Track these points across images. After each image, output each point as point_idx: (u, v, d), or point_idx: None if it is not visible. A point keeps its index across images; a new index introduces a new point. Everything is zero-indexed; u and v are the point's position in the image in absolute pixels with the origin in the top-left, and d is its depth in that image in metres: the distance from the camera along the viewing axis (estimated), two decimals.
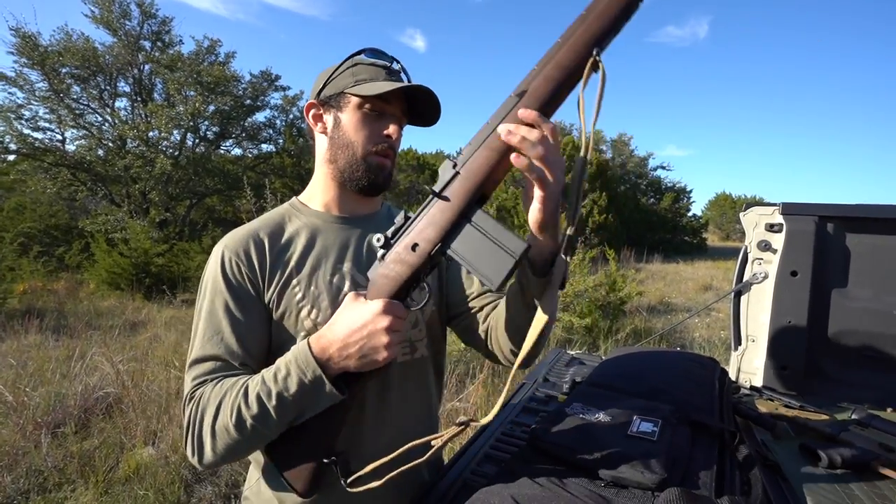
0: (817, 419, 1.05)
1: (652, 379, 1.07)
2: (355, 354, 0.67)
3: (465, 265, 0.64)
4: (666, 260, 14.74)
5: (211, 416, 0.69)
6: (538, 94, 0.60)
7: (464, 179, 0.64)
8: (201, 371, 0.74)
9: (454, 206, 0.64)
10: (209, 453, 0.69)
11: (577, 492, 0.66)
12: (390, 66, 0.83)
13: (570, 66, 0.59)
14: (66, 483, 2.44)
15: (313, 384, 0.67)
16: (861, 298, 1.43)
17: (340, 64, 0.82)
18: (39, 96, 10.48)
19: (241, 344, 0.75)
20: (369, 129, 0.81)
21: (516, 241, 0.62)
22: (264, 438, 0.70)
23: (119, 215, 10.56)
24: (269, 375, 0.69)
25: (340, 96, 0.81)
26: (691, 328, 5.94)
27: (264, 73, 12.90)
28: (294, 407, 0.68)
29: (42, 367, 3.70)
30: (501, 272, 0.61)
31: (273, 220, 0.86)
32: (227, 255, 0.79)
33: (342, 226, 0.87)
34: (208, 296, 0.78)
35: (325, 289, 0.81)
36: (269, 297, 0.79)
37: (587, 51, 0.57)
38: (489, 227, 0.63)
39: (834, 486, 0.84)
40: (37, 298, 6.97)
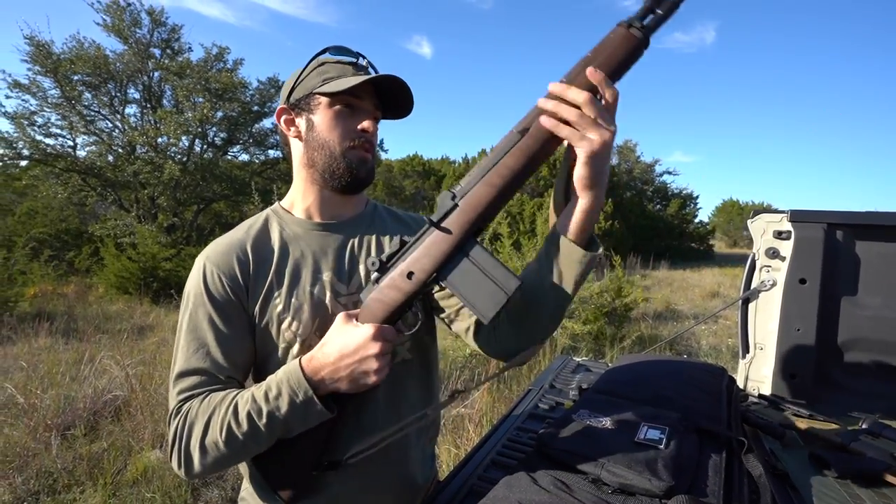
0: (827, 428, 1.05)
1: (659, 386, 1.07)
2: (346, 378, 0.68)
3: (458, 297, 0.67)
4: (672, 266, 14.64)
5: (199, 431, 0.69)
6: (539, 133, 0.62)
7: (462, 212, 0.65)
8: (187, 385, 0.73)
9: (451, 238, 0.66)
10: (197, 466, 0.70)
11: (583, 498, 0.67)
12: (356, 61, 0.82)
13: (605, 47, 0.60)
14: (75, 485, 2.47)
15: (304, 404, 0.68)
16: (871, 306, 1.42)
17: (306, 66, 0.81)
18: (52, 103, 10.66)
19: (227, 357, 0.75)
20: (343, 126, 0.80)
21: (510, 278, 0.64)
22: (253, 452, 0.72)
23: (128, 220, 10.69)
24: (260, 394, 0.69)
25: (310, 98, 0.80)
26: (698, 335, 5.89)
27: (271, 80, 13.04)
28: (284, 425, 0.69)
29: (52, 370, 3.74)
30: (493, 308, 0.64)
31: (256, 229, 0.84)
32: (209, 267, 0.78)
33: (323, 233, 0.85)
34: (191, 308, 0.77)
35: (305, 300, 0.79)
36: (251, 308, 0.79)
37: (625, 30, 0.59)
38: (484, 261, 0.66)
39: (844, 495, 0.83)
40: (47, 302, 7.06)
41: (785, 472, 0.90)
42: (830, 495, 0.82)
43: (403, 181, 19.19)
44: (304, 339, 0.79)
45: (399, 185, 18.76)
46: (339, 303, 0.82)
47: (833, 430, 1.02)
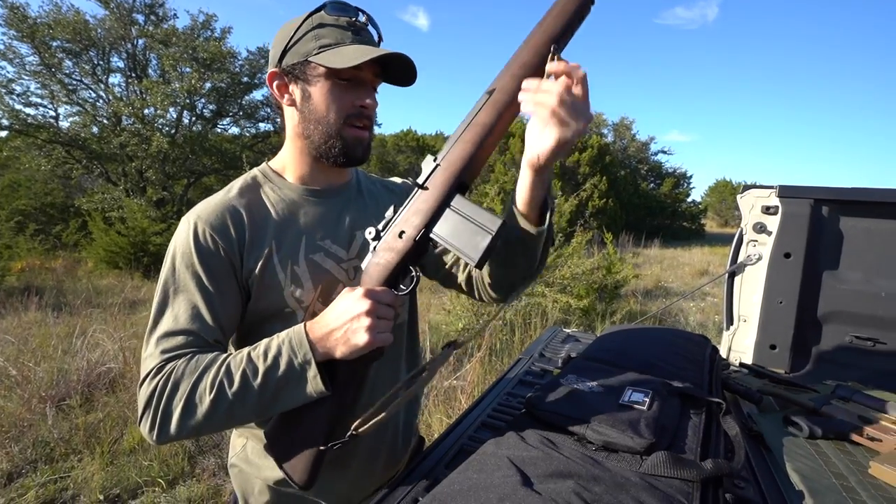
0: (801, 393, 1.09)
1: (644, 354, 1.10)
2: (341, 339, 0.66)
3: (447, 246, 0.69)
4: (664, 245, 14.79)
5: (185, 390, 0.66)
6: (507, 89, 0.66)
7: (443, 170, 0.69)
8: (173, 345, 0.70)
9: (436, 194, 0.69)
10: (173, 428, 0.66)
11: (569, 454, 0.70)
12: (356, 20, 0.76)
13: (533, 62, 0.65)
14: (72, 453, 2.51)
15: (301, 367, 0.66)
16: (851, 281, 1.46)
17: (300, 25, 0.74)
18: (30, 70, 10.27)
19: (216, 320, 0.72)
20: (342, 100, 0.76)
21: (493, 219, 0.66)
22: (235, 420, 0.68)
23: (116, 194, 10.49)
24: (257, 353, 0.67)
25: (305, 65, 0.74)
26: (686, 312, 6.02)
27: (261, 50, 12.63)
28: (275, 391, 0.66)
29: (44, 344, 3.74)
30: (480, 248, 0.65)
31: (248, 191, 0.81)
32: (200, 226, 0.74)
33: (319, 199, 0.84)
34: (178, 267, 0.73)
35: (307, 266, 0.79)
36: (247, 273, 0.76)
37: (546, 48, 0.65)
38: (468, 209, 0.68)
39: (813, 454, 0.88)
40: (35, 276, 6.99)
41: (759, 432, 0.95)
42: (800, 453, 0.87)
43: (397, 156, 18.97)
44: (306, 306, 0.79)
45: (393, 160, 18.56)
46: (342, 268, 0.82)
47: (806, 396, 1.07)
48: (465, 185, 0.70)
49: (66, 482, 2.29)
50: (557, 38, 0.65)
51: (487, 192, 5.73)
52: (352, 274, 0.83)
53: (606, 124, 23.78)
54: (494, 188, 5.60)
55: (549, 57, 0.64)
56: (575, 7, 0.65)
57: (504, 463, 0.66)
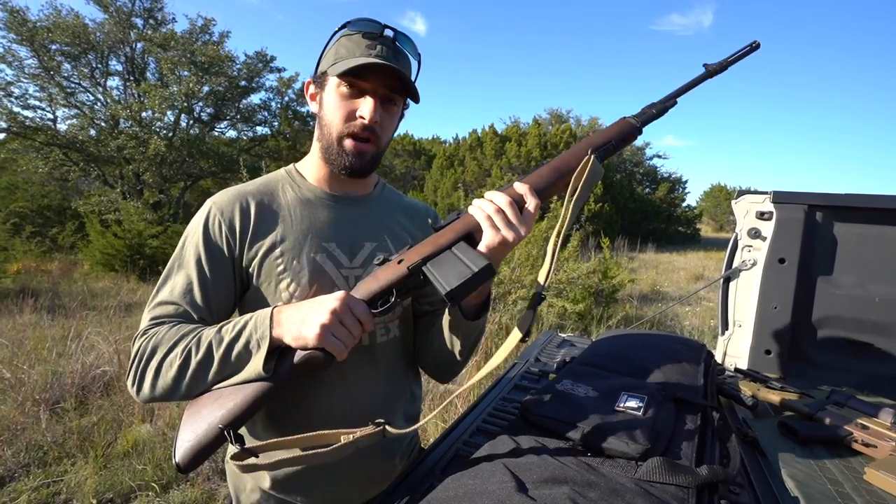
0: (796, 398, 1.10)
1: (640, 359, 1.11)
2: (296, 324, 0.68)
3: (430, 276, 0.71)
4: (659, 250, 14.84)
5: (161, 354, 0.71)
6: (541, 174, 0.76)
7: (462, 221, 0.75)
8: (162, 312, 0.76)
9: (445, 237, 0.74)
10: (147, 388, 0.71)
11: (564, 460, 0.70)
12: (379, 34, 0.79)
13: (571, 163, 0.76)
14: (65, 457, 2.48)
15: (256, 344, 0.69)
16: (845, 286, 1.47)
17: (330, 39, 0.82)
18: (29, 73, 10.24)
19: (204, 300, 0.78)
20: (344, 109, 0.79)
21: (480, 261, 0.68)
22: (198, 387, 0.71)
23: (112, 196, 10.45)
24: (228, 327, 0.71)
25: (324, 76, 0.81)
26: (682, 316, 6.03)
27: (259, 54, 12.65)
28: (232, 363, 0.69)
29: (38, 346, 3.72)
30: (455, 280, 0.67)
31: (267, 186, 0.86)
32: (213, 211, 0.80)
33: (333, 204, 0.87)
34: (188, 246, 0.79)
35: (307, 264, 0.81)
36: (247, 261, 0.80)
37: (584, 152, 0.76)
38: (463, 253, 0.71)
39: (808, 460, 0.88)
40: (31, 278, 6.95)
41: (755, 438, 0.95)
42: (795, 459, 0.87)
43: (393, 160, 18.99)
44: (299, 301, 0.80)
45: (389, 163, 18.57)
46: (341, 274, 0.84)
47: (801, 401, 1.07)
48: (473, 239, 0.74)
49: (59, 486, 2.27)
50: (598, 147, 0.77)
51: None
52: (351, 282, 0.84)
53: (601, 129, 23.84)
54: None
55: (585, 158, 0.75)
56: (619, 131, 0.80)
57: (499, 469, 0.66)
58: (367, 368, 0.86)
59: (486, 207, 0.71)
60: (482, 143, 15.83)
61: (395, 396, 0.92)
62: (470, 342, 0.86)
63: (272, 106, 13.66)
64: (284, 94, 13.65)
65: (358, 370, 0.85)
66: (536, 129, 15.67)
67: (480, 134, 16.24)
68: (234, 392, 0.69)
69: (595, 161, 0.75)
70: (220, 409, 0.68)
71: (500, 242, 0.70)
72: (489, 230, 0.71)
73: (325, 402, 0.83)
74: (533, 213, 0.73)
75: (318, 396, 0.83)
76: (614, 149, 0.79)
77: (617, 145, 0.79)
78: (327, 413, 0.83)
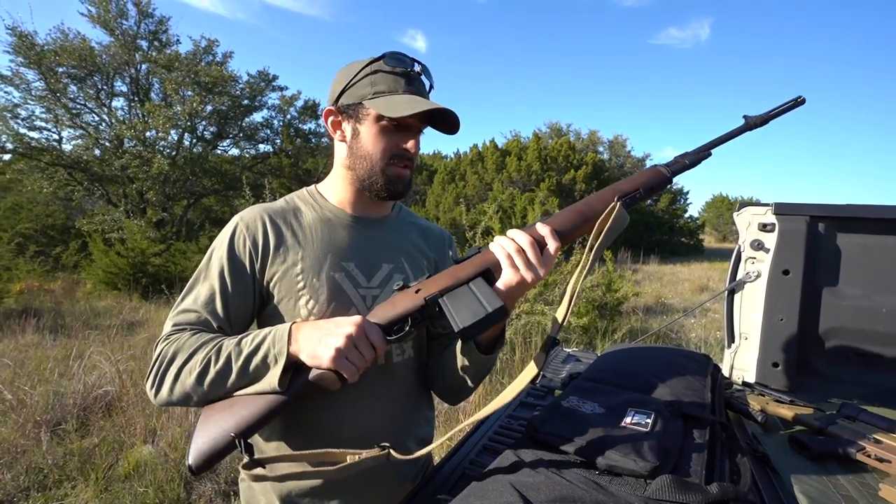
0: (806, 412, 1.08)
1: (646, 374, 1.09)
2: (312, 343, 0.70)
3: (445, 310, 0.72)
4: (663, 261, 14.81)
5: (181, 360, 0.73)
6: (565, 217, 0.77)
7: (481, 256, 0.76)
8: (184, 319, 0.79)
9: (464, 271, 0.75)
10: (166, 392, 0.74)
11: (572, 479, 0.69)
12: (410, 70, 0.82)
13: (597, 208, 0.76)
14: (66, 480, 2.46)
15: (274, 359, 0.71)
16: (851, 297, 1.46)
17: (359, 70, 0.82)
18: (36, 95, 10.45)
19: (225, 310, 0.81)
20: (388, 142, 0.83)
21: (494, 301, 0.69)
22: (216, 394, 0.73)
23: (116, 215, 10.55)
24: (248, 340, 0.73)
25: (359, 107, 0.82)
26: (687, 328, 5.98)
27: (262, 73, 12.89)
28: (249, 375, 0.72)
29: (40, 366, 3.71)
30: (469, 319, 0.68)
31: (290, 205, 0.90)
32: (240, 227, 0.84)
33: (354, 225, 0.90)
34: (213, 258, 0.83)
35: (326, 283, 0.83)
36: (268, 277, 0.83)
37: (611, 199, 0.76)
38: (480, 290, 0.72)
39: (821, 475, 0.86)
40: (33, 298, 6.96)
41: (765, 453, 0.93)
42: (807, 475, 0.86)
43: None
44: (317, 319, 0.81)
45: None
46: (358, 293, 0.86)
47: (812, 415, 1.06)
48: (491, 276, 0.75)
49: None
50: (625, 195, 0.77)
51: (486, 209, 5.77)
52: (368, 301, 0.86)
53: (602, 142, 24.10)
54: (493, 206, 5.64)
55: (611, 205, 0.75)
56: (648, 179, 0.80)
57: (507, 489, 0.65)
58: (382, 387, 0.87)
59: (507, 246, 0.72)
60: (483, 158, 15.96)
61: (408, 417, 0.92)
62: (481, 372, 0.87)
63: (274, 124, 13.87)
64: (286, 112, 13.87)
65: (373, 389, 0.85)
66: (536, 142, 15.80)
67: (481, 148, 16.38)
68: (249, 402, 0.72)
69: (621, 208, 0.75)
70: (233, 417, 0.71)
71: (518, 282, 0.71)
72: (508, 269, 0.71)
73: (338, 418, 0.84)
74: (553, 255, 0.73)
75: (331, 412, 0.83)
76: (642, 197, 0.79)
77: (645, 194, 0.79)
78: (339, 429, 0.83)
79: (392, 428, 0.88)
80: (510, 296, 0.73)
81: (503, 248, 0.72)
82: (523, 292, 0.75)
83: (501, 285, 0.72)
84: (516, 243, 0.72)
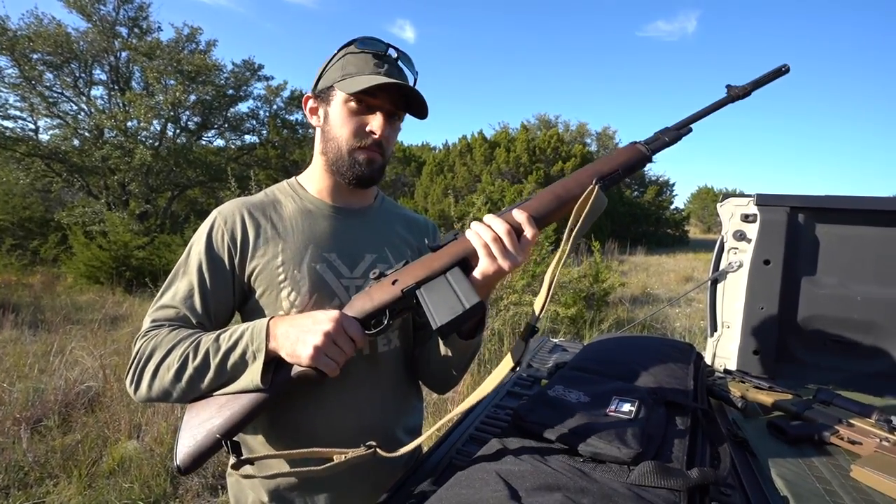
0: (784, 398, 1.11)
1: (631, 362, 1.11)
2: (291, 341, 0.70)
3: (423, 304, 0.71)
4: (649, 252, 15.00)
5: (159, 356, 0.73)
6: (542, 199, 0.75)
7: (458, 244, 0.74)
8: (162, 315, 0.79)
9: (441, 260, 0.73)
10: (144, 389, 0.74)
11: (557, 466, 0.70)
12: (384, 53, 0.82)
13: (574, 190, 0.74)
14: (48, 477, 2.41)
15: (253, 356, 0.71)
16: (828, 285, 1.50)
17: (333, 55, 0.83)
18: (9, 83, 10.09)
19: (203, 306, 0.80)
20: (354, 124, 0.81)
21: (472, 297, 0.68)
22: (193, 392, 0.73)
23: (97, 207, 10.28)
24: (226, 336, 0.73)
25: (329, 90, 0.82)
26: (672, 318, 6.09)
27: (247, 63, 12.61)
28: (228, 371, 0.71)
29: (19, 363, 3.62)
30: (446, 317, 0.68)
31: (269, 197, 0.89)
32: (218, 221, 0.83)
33: (334, 215, 0.89)
34: (192, 253, 0.82)
35: (307, 274, 0.82)
36: (248, 271, 0.82)
37: (589, 181, 0.73)
38: (458, 283, 0.71)
39: (797, 458, 0.89)
40: (11, 293, 6.77)
41: (744, 438, 0.96)
42: (784, 458, 0.88)
43: None
44: (300, 311, 0.81)
45: None
46: (341, 284, 0.85)
47: (789, 401, 1.09)
48: (469, 265, 0.73)
49: None
50: (604, 176, 0.74)
51: (474, 201, 5.77)
52: (351, 291, 0.85)
53: (590, 134, 24.20)
54: (481, 198, 5.64)
55: (589, 188, 0.72)
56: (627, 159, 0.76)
57: (492, 477, 0.66)
58: (369, 378, 0.87)
59: (484, 234, 0.71)
60: (472, 149, 15.91)
61: (395, 407, 0.92)
62: (465, 359, 0.87)
63: (260, 114, 13.62)
64: (273, 103, 13.62)
65: (359, 379, 0.85)
66: (525, 134, 15.81)
67: (470, 140, 16.32)
68: (232, 400, 0.71)
69: (599, 191, 0.73)
70: (218, 416, 0.71)
71: (495, 271, 0.71)
72: (485, 258, 0.70)
73: (324, 410, 0.83)
74: (531, 241, 0.72)
75: (317, 404, 0.83)
76: (621, 177, 0.76)
77: (624, 174, 0.76)
78: (325, 420, 0.83)
79: (380, 418, 0.88)
80: (487, 284, 0.73)
81: (480, 236, 0.71)
82: (500, 279, 0.74)
83: (478, 274, 0.71)
84: (493, 231, 0.70)
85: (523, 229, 0.72)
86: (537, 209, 0.74)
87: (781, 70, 0.78)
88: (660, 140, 0.77)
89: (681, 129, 0.77)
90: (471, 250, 0.72)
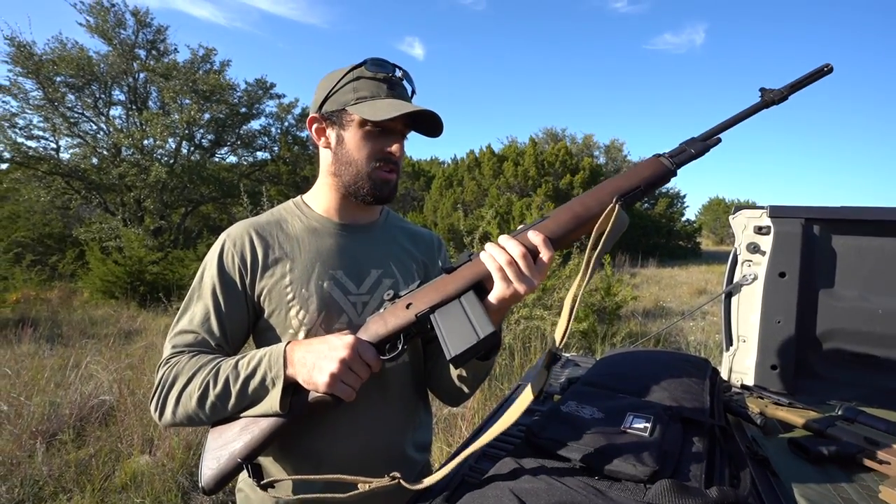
0: (806, 415, 1.08)
1: (645, 378, 1.09)
2: (308, 368, 0.71)
3: (437, 332, 0.71)
4: (660, 265, 14.83)
5: (181, 383, 0.75)
6: (559, 219, 0.72)
7: (472, 266, 0.73)
8: (182, 341, 0.80)
9: (455, 284, 0.72)
10: (169, 415, 0.76)
11: (572, 485, 0.68)
12: (392, 75, 0.83)
13: (593, 209, 0.71)
14: (62, 492, 2.43)
15: (272, 382, 0.72)
16: (847, 298, 1.46)
17: (342, 77, 0.83)
18: (34, 105, 10.46)
19: (221, 328, 0.82)
20: (372, 146, 0.83)
21: (486, 326, 0.67)
22: (217, 415, 0.75)
23: (113, 223, 10.50)
24: (244, 362, 0.75)
25: (342, 113, 0.82)
26: (686, 332, 5.98)
27: (259, 81, 12.93)
28: (249, 397, 0.73)
29: (36, 377, 3.68)
30: (460, 347, 0.67)
31: (276, 217, 0.90)
32: (227, 244, 0.85)
33: (341, 233, 0.90)
34: (205, 278, 0.84)
35: (315, 292, 0.83)
36: (259, 290, 0.84)
37: (609, 199, 0.70)
38: (472, 309, 0.70)
39: (821, 478, 0.86)
40: (30, 307, 6.92)
41: (765, 457, 0.93)
42: (808, 478, 0.86)
43: None
44: (309, 329, 0.82)
45: None
46: (349, 300, 0.86)
47: (811, 418, 1.06)
48: (483, 288, 0.72)
49: None
50: (624, 194, 0.70)
51: (483, 214, 5.78)
52: (359, 308, 0.86)
53: (598, 146, 24.19)
54: (490, 212, 5.65)
55: (609, 206, 0.69)
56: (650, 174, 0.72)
57: (506, 495, 0.65)
58: (377, 394, 0.87)
59: (499, 257, 0.69)
60: (480, 164, 16.01)
61: (404, 423, 0.92)
62: (479, 377, 0.87)
63: (272, 131, 13.88)
64: (284, 120, 13.89)
65: (367, 395, 0.85)
66: (533, 148, 15.87)
67: (478, 154, 16.44)
68: (252, 424, 0.73)
69: (620, 209, 0.69)
70: (239, 439, 0.73)
71: (511, 295, 0.69)
72: (500, 282, 0.69)
73: (333, 426, 0.83)
74: (547, 264, 0.70)
75: (326, 420, 0.83)
76: (643, 194, 0.71)
77: (646, 190, 0.71)
78: (334, 437, 0.83)
79: (389, 436, 0.88)
80: (502, 308, 0.72)
81: (494, 259, 0.69)
82: (517, 303, 0.74)
83: (493, 299, 0.70)
84: (508, 254, 0.69)
85: (539, 251, 0.70)
86: (554, 230, 0.71)
87: (823, 70, 0.71)
88: (685, 152, 0.72)
89: (708, 140, 0.72)
90: (485, 273, 0.71)
